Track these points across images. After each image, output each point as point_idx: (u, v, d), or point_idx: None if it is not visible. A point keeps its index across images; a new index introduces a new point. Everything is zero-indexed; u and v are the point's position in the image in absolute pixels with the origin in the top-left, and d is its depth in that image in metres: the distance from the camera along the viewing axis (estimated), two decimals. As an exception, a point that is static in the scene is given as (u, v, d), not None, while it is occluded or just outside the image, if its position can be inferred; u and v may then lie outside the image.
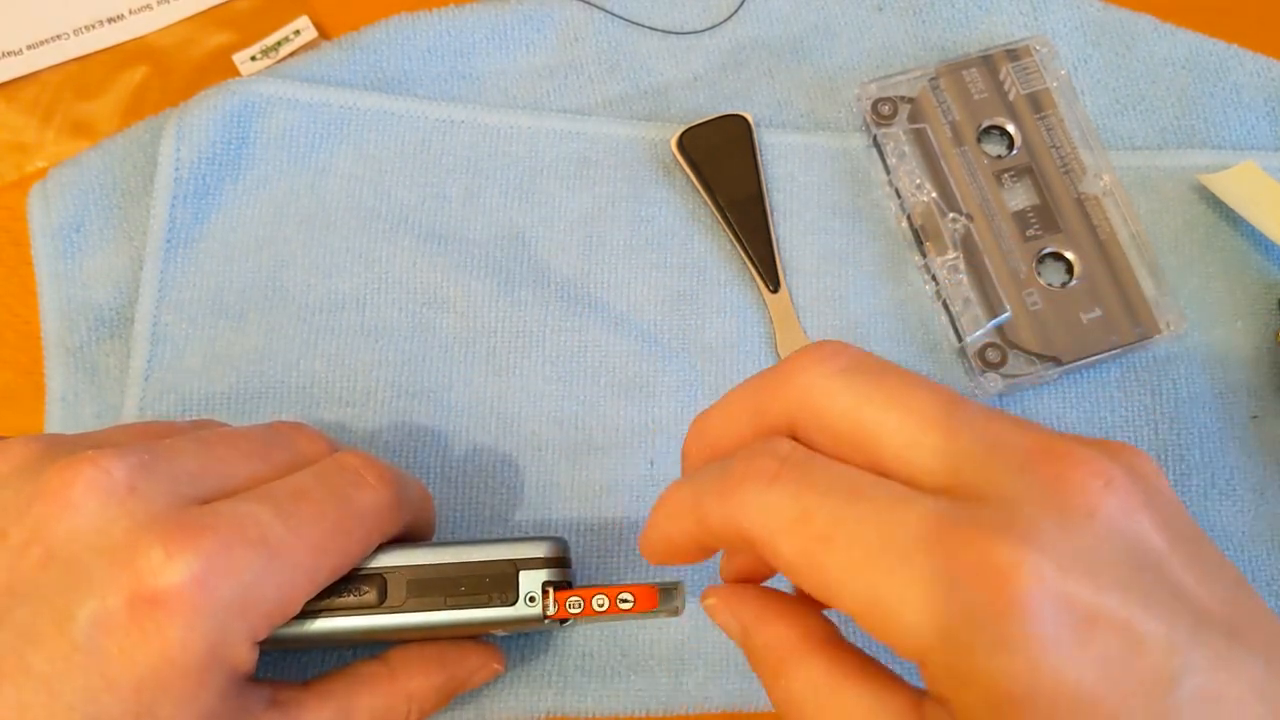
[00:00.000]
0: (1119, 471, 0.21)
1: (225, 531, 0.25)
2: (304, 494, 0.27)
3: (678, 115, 0.40)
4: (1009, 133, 0.39)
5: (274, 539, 0.26)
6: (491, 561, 0.28)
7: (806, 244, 0.39)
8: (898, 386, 0.22)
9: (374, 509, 0.28)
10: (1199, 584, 0.21)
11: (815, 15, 0.42)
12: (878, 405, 0.22)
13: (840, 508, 0.21)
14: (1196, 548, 0.22)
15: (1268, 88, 0.41)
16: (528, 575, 0.28)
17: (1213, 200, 0.40)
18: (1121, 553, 0.20)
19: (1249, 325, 0.39)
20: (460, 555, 0.28)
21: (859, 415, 0.22)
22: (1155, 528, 0.21)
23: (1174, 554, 0.21)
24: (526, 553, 0.28)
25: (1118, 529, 0.20)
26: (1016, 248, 0.38)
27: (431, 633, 0.29)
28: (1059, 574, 0.19)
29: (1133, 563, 0.20)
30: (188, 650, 0.24)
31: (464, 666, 0.31)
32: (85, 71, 0.41)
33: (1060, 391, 0.38)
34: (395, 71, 0.40)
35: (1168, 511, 0.22)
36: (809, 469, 0.22)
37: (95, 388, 0.36)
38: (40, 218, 0.38)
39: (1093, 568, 0.19)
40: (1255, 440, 0.37)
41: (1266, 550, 0.36)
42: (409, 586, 0.28)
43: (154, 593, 0.24)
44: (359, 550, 0.28)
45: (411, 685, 0.29)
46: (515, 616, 0.28)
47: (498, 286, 0.38)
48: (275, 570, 0.26)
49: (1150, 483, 0.22)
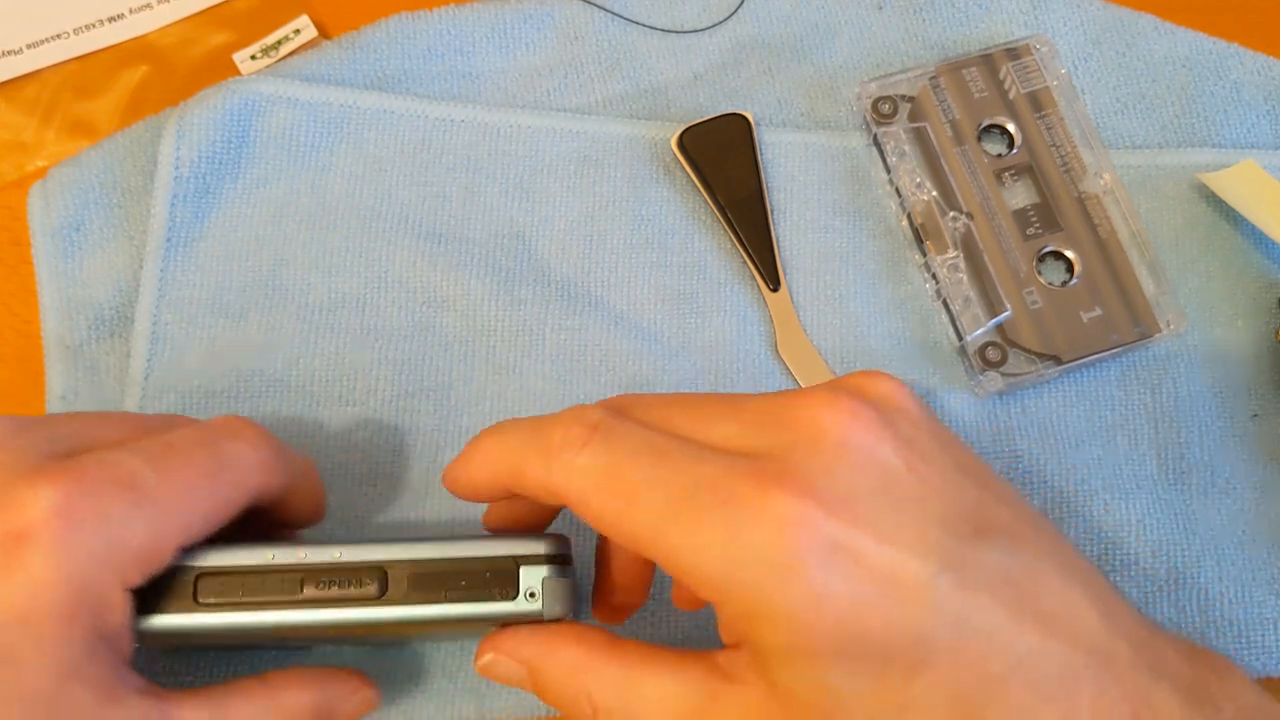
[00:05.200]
0: (862, 404, 0.24)
1: (92, 471, 0.25)
2: (174, 445, 0.27)
3: (678, 114, 0.40)
4: (1009, 131, 0.39)
5: (141, 481, 0.26)
6: (493, 557, 0.28)
7: (807, 243, 0.39)
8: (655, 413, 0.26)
9: (246, 460, 0.28)
10: (942, 491, 0.24)
11: (815, 14, 0.42)
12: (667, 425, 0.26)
13: (645, 466, 0.24)
14: (940, 456, 0.25)
15: (1268, 86, 0.41)
16: (528, 571, 0.28)
17: (1213, 199, 0.40)
18: (874, 479, 0.24)
19: (1249, 324, 0.39)
20: (462, 550, 0.28)
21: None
22: (896, 449, 0.24)
23: (913, 471, 0.24)
24: (528, 549, 0.28)
25: (867, 457, 0.24)
26: (1017, 246, 0.38)
27: (428, 627, 0.28)
28: (824, 515, 0.23)
29: (882, 488, 0.24)
30: (52, 586, 0.24)
31: (339, 689, 0.30)
32: (85, 70, 0.41)
33: (1060, 390, 0.38)
34: (395, 71, 0.40)
35: (910, 430, 0.25)
36: (617, 433, 0.25)
37: (95, 387, 0.36)
38: (40, 217, 0.38)
39: (851, 502, 0.23)
40: (1255, 439, 0.37)
41: (1267, 549, 0.36)
42: (410, 580, 0.28)
43: (18, 529, 0.24)
44: (232, 497, 0.28)
45: (286, 699, 0.29)
46: (515, 612, 0.28)
47: (498, 286, 0.38)
48: (143, 512, 0.26)
49: (893, 405, 0.26)
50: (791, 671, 0.23)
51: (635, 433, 0.25)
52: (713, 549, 0.23)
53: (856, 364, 0.38)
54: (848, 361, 0.38)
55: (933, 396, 0.37)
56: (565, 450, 0.25)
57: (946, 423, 0.37)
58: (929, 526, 0.23)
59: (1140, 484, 0.37)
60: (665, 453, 0.24)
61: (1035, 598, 0.24)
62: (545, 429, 0.26)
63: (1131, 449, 0.37)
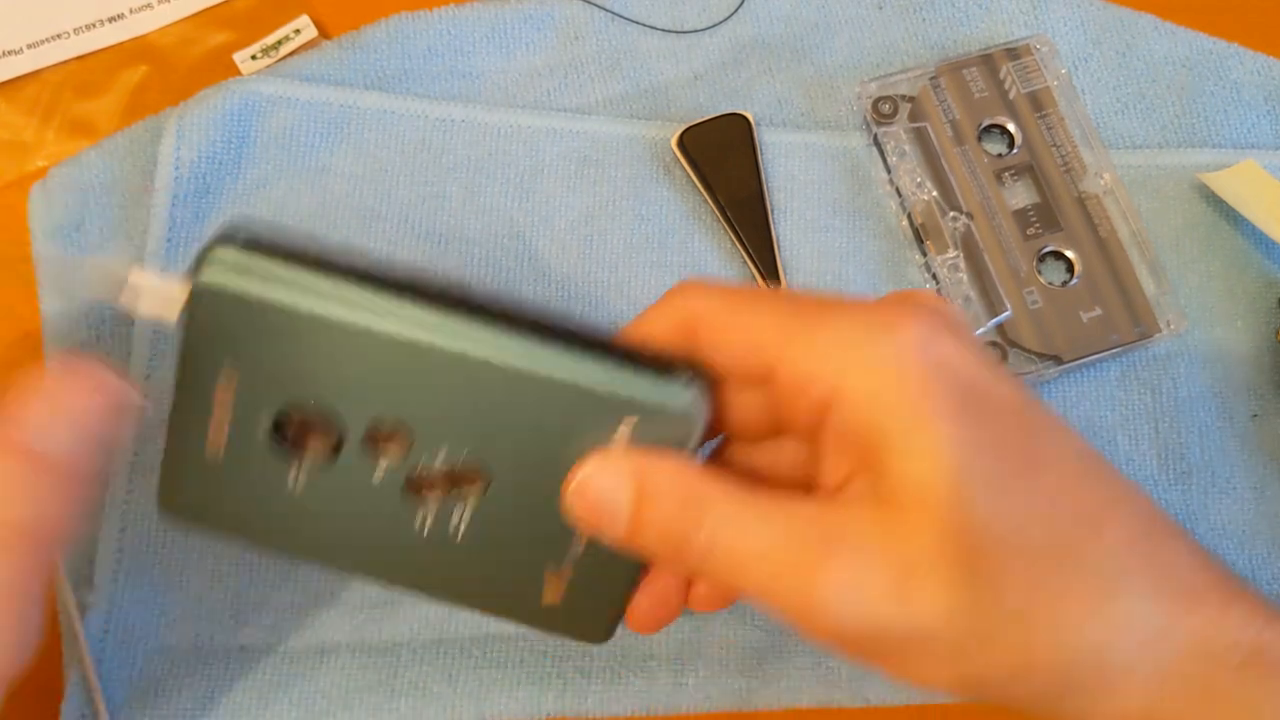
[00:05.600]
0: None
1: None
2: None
3: (678, 114, 0.40)
4: (1009, 131, 0.39)
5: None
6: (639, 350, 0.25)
7: (807, 243, 0.39)
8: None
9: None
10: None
11: (815, 14, 0.42)
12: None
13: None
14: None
15: (1268, 86, 0.41)
16: (678, 374, 0.24)
17: (1213, 199, 0.40)
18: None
19: (1249, 324, 0.39)
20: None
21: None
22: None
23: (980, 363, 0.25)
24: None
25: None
26: (1017, 246, 0.38)
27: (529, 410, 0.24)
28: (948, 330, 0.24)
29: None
30: None
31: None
32: (85, 70, 0.41)
33: (1060, 390, 0.38)
34: (395, 71, 0.40)
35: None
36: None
37: (95, 387, 0.36)
38: (40, 217, 0.38)
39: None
40: (1255, 438, 0.37)
41: (1267, 549, 0.36)
42: (533, 326, 0.24)
43: None
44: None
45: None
46: (661, 401, 0.24)
47: (498, 286, 0.38)
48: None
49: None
50: (919, 465, 0.23)
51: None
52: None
53: (857, 364, 0.38)
54: (848, 361, 0.38)
55: (933, 396, 0.37)
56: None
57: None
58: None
59: (1140, 483, 0.37)
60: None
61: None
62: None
63: (1132, 449, 0.37)
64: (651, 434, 0.24)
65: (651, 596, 0.28)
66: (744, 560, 0.24)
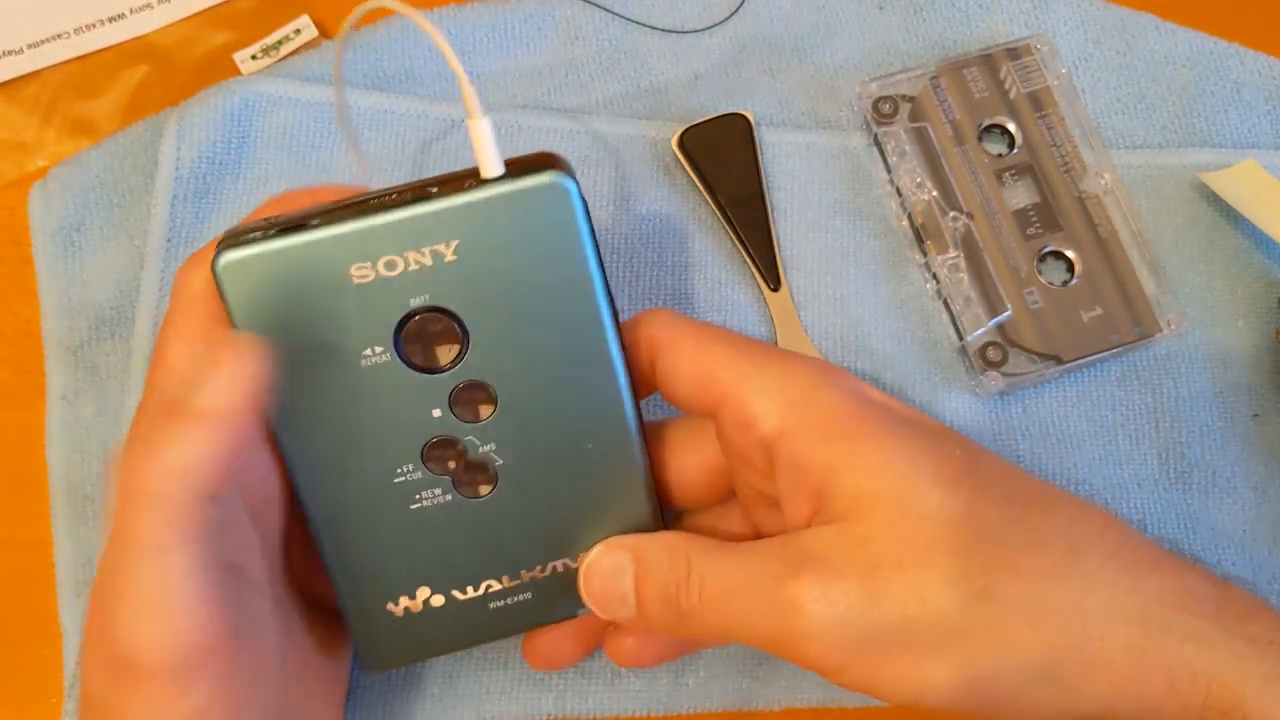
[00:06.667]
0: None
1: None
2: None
3: (678, 114, 0.40)
4: (1010, 131, 0.39)
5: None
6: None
7: (807, 243, 0.39)
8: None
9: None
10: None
11: (816, 14, 0.42)
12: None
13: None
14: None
15: (1268, 86, 0.41)
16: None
17: (1213, 199, 0.40)
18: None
19: (1250, 324, 0.39)
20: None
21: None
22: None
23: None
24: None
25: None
26: (1017, 246, 0.38)
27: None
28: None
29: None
30: None
31: None
32: (86, 70, 0.41)
33: (1061, 390, 0.38)
34: (395, 71, 0.40)
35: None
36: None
37: (95, 387, 0.36)
38: (40, 217, 0.38)
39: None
40: (1256, 438, 0.37)
41: (1267, 549, 0.36)
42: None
43: None
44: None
45: None
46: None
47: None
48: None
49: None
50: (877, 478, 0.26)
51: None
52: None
53: (857, 364, 0.38)
54: (848, 362, 0.38)
55: (933, 396, 0.37)
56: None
57: (947, 423, 0.37)
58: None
59: (1141, 483, 0.37)
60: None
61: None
62: None
63: (1132, 449, 0.37)
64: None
65: (550, 637, 0.32)
66: (727, 593, 0.26)
